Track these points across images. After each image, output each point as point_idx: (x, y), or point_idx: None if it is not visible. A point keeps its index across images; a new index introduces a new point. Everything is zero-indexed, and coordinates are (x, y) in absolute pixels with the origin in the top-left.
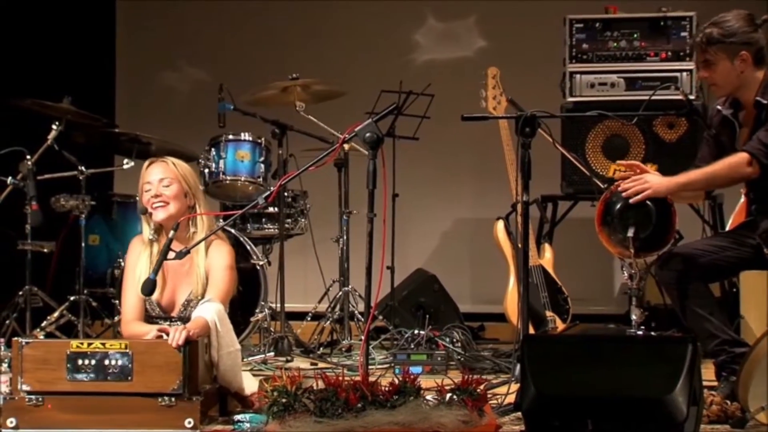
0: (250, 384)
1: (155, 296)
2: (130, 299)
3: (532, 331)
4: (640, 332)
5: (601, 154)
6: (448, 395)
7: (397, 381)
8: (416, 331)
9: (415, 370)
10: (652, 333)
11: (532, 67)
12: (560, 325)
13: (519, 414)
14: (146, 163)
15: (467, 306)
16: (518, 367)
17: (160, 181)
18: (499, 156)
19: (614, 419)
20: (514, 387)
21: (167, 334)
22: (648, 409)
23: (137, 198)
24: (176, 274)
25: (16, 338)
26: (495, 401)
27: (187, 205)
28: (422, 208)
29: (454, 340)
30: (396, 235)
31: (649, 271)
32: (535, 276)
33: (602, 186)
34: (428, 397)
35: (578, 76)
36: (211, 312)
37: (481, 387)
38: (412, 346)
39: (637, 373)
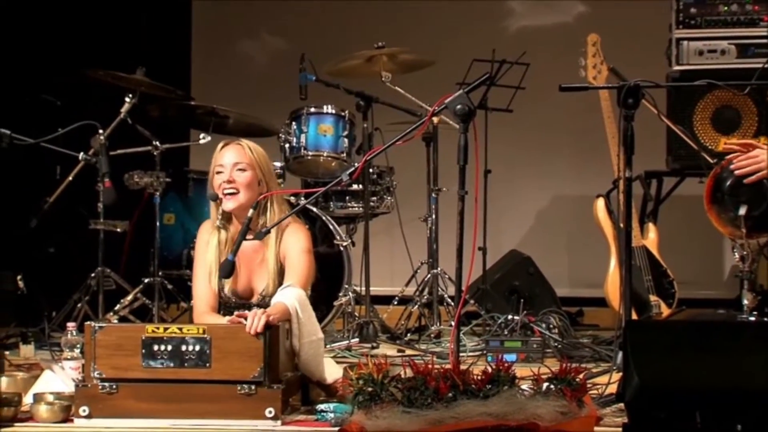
0: (332, 371)
1: (230, 285)
2: (201, 289)
3: (634, 316)
4: (752, 318)
5: (710, 127)
6: (545, 385)
7: (490, 369)
8: (510, 317)
9: (509, 357)
10: (766, 319)
11: (636, 34)
12: (665, 311)
13: (621, 405)
14: (220, 145)
15: (565, 290)
16: (620, 355)
17: (234, 165)
18: (600, 129)
19: (724, 412)
20: (616, 376)
21: (245, 320)
22: (761, 402)
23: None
24: (250, 263)
25: (88, 322)
26: (595, 392)
27: (259, 193)
28: (516, 185)
29: (551, 326)
30: (488, 214)
31: (762, 252)
32: (638, 258)
33: (711, 161)
34: (523, 387)
35: (686, 42)
36: (292, 297)
37: (581, 376)
38: (506, 333)
39: (749, 363)
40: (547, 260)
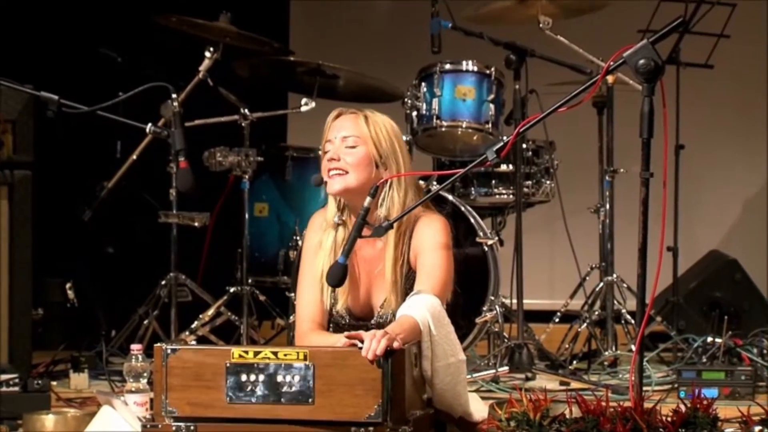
0: (478, 408)
1: (344, 300)
2: (307, 299)
3: None
4: None
5: None
6: (757, 428)
7: (683, 408)
8: (710, 339)
9: (709, 393)
10: None
11: None
12: None
13: None
14: (332, 114)
15: None
16: None
17: (343, 139)
18: None
19: None
20: None
21: (361, 342)
22: None
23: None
24: (371, 272)
25: (158, 344)
26: None
27: (378, 177)
28: (718, 165)
29: (765, 351)
30: (680, 203)
31: None
32: None
33: None
34: (728, 431)
35: None
36: (422, 309)
37: None
38: (704, 360)
39: None
40: (760, 265)
